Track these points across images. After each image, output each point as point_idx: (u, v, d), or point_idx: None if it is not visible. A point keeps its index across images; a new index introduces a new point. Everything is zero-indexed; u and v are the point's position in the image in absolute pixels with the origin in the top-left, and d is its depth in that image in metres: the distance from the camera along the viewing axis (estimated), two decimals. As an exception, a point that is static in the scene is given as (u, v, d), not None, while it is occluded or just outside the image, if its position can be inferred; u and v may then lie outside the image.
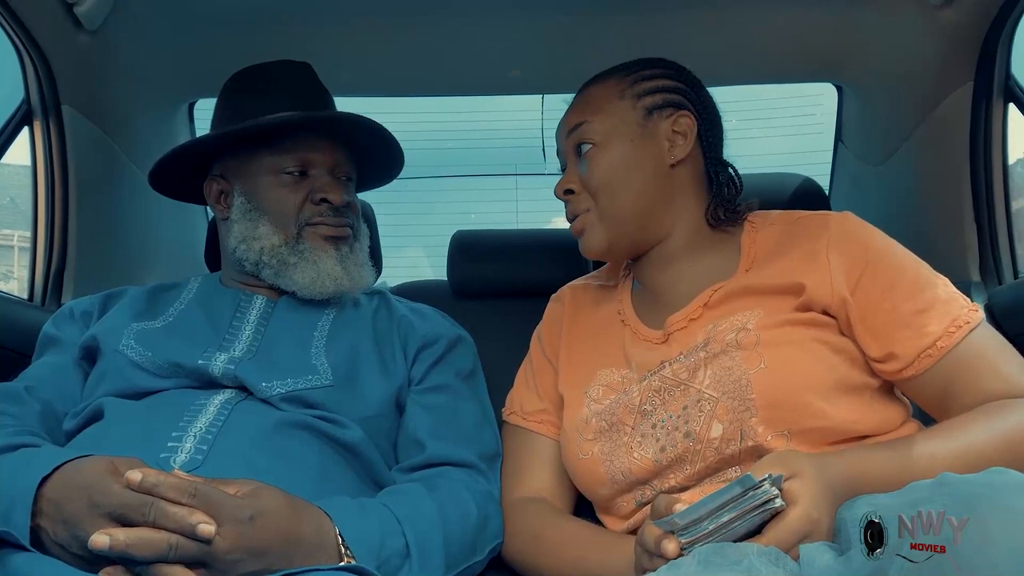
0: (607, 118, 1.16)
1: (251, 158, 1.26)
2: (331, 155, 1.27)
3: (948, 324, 1.01)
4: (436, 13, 1.73)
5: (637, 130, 1.15)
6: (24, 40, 1.52)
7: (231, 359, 1.15)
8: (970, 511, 0.65)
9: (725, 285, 1.12)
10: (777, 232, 1.16)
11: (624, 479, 1.07)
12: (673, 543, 0.81)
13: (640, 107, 1.16)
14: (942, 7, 1.57)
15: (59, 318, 1.26)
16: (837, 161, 2.18)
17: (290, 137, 1.25)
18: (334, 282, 1.24)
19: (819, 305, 1.06)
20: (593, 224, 1.16)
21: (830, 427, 1.00)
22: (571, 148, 1.19)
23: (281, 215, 1.24)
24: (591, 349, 1.21)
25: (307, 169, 1.26)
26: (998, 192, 1.63)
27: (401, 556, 0.98)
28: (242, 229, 1.25)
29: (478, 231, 1.87)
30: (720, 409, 1.02)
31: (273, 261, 1.24)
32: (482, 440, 1.22)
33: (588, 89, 1.22)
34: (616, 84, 1.18)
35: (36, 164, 1.65)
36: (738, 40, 1.78)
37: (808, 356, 1.02)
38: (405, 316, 1.32)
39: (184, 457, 1.01)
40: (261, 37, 1.71)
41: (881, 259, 1.07)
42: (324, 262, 1.24)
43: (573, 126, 1.18)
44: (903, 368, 1.02)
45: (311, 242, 1.24)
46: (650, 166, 1.15)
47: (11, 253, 4.79)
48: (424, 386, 1.25)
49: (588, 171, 1.15)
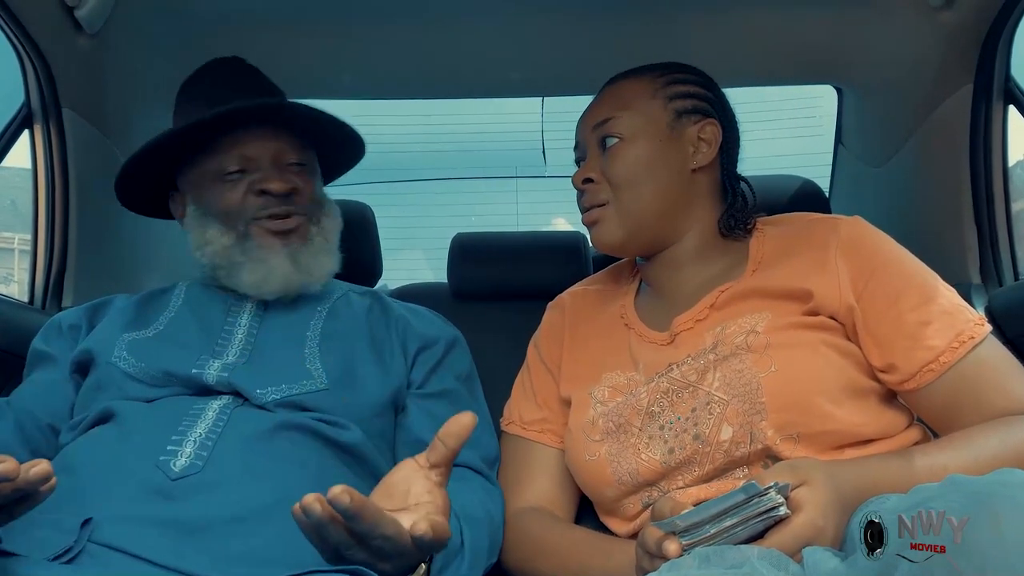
0: (637, 115, 1.16)
1: (195, 165, 1.24)
2: (271, 144, 1.22)
3: (952, 338, 1.01)
4: (436, 16, 1.73)
5: (666, 130, 1.16)
6: (24, 43, 1.52)
7: (224, 366, 1.14)
8: (982, 507, 0.65)
9: (732, 287, 1.12)
10: (785, 234, 1.16)
11: (631, 480, 1.07)
12: (675, 544, 0.81)
13: (671, 109, 1.17)
14: (942, 9, 1.57)
15: (48, 333, 1.25)
16: (837, 163, 2.18)
17: (229, 136, 1.21)
18: (283, 280, 1.20)
19: (827, 311, 1.06)
20: (610, 218, 1.16)
21: (838, 430, 1.00)
22: (595, 140, 1.18)
23: (227, 215, 1.21)
24: (596, 352, 1.20)
25: (248, 165, 1.22)
26: (998, 194, 1.63)
27: (456, 550, 0.99)
28: (195, 236, 1.24)
29: (478, 233, 1.87)
30: (730, 412, 1.02)
31: (224, 263, 1.21)
32: (484, 444, 1.22)
33: (619, 84, 1.22)
34: (649, 83, 1.19)
35: (36, 167, 1.65)
36: (738, 42, 1.79)
37: (818, 359, 1.02)
38: (402, 315, 1.30)
39: (184, 462, 1.01)
40: (261, 41, 1.71)
41: (889, 266, 1.06)
42: (272, 259, 1.20)
43: (601, 120, 1.18)
44: (904, 380, 1.03)
45: (258, 239, 1.20)
46: (674, 168, 1.15)
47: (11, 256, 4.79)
48: (426, 391, 1.24)
49: (612, 165, 1.15)
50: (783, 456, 1.00)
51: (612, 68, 1.26)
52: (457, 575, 0.99)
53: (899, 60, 1.74)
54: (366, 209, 1.79)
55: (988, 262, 1.64)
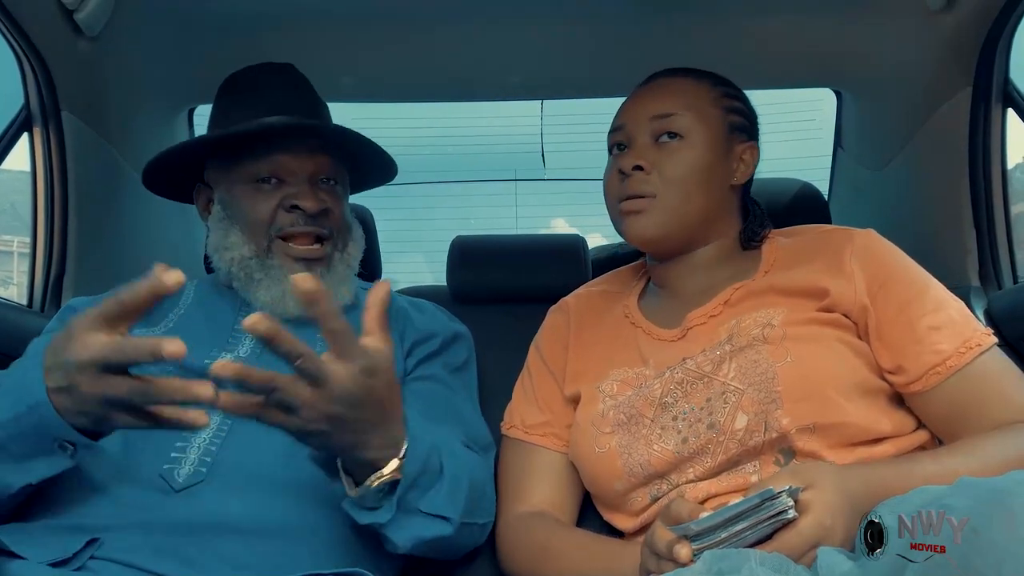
0: (700, 119, 1.16)
1: (230, 165, 1.23)
2: (309, 161, 1.22)
3: (960, 344, 1.03)
4: (436, 19, 1.73)
5: (721, 142, 1.17)
6: (24, 46, 1.52)
7: (236, 358, 1.14)
8: (997, 505, 0.65)
9: (746, 284, 1.14)
10: (798, 242, 1.19)
11: (642, 471, 1.07)
12: (686, 548, 0.82)
13: (727, 122, 1.19)
14: (941, 12, 1.57)
15: (67, 316, 1.25)
16: (836, 166, 2.18)
17: (266, 143, 1.21)
18: (299, 305, 1.21)
19: (842, 308, 1.08)
20: (654, 212, 1.15)
21: (851, 423, 1.01)
22: (650, 130, 1.17)
23: (253, 224, 1.20)
24: (602, 351, 1.21)
25: (284, 176, 1.21)
26: (997, 197, 1.63)
27: (436, 475, 1.00)
28: (215, 238, 1.23)
29: (478, 236, 1.87)
30: (745, 401, 1.03)
31: (241, 273, 1.20)
32: (475, 428, 1.22)
33: (678, 81, 1.21)
34: (709, 90, 1.20)
35: (36, 170, 1.65)
36: (738, 46, 1.79)
37: (832, 354, 1.04)
38: (403, 308, 1.30)
39: (188, 470, 1.01)
40: (261, 43, 1.71)
41: (901, 275, 1.09)
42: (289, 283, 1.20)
43: (663, 113, 1.17)
44: (911, 382, 1.04)
45: (281, 260, 1.19)
46: (719, 179, 1.17)
47: (11, 259, 4.79)
48: (412, 376, 1.24)
49: (669, 161, 1.15)
50: (797, 446, 1.01)
51: (612, 72, 1.26)
52: (435, 500, 1.00)
53: (898, 63, 1.74)
54: (365, 212, 1.79)
55: (987, 265, 1.64)
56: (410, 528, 0.98)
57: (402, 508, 0.95)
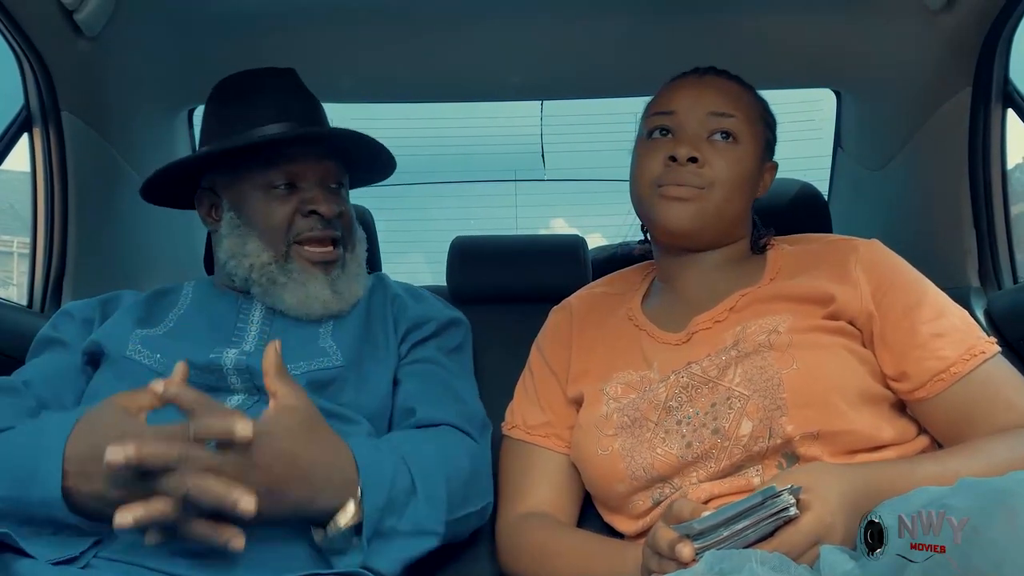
0: (751, 128, 1.18)
1: (239, 173, 1.24)
2: (320, 166, 1.25)
3: (963, 351, 1.04)
4: (436, 19, 1.73)
5: (760, 154, 1.20)
6: (24, 46, 1.52)
7: (242, 352, 1.16)
8: (998, 504, 0.65)
9: (752, 291, 1.15)
10: (802, 250, 1.20)
11: (645, 475, 1.07)
12: (688, 547, 0.82)
13: (765, 136, 1.22)
14: (941, 12, 1.57)
15: (60, 320, 1.25)
16: (836, 166, 2.18)
17: (277, 150, 1.23)
18: (323, 305, 1.23)
19: (847, 315, 1.09)
20: (700, 204, 1.14)
21: (855, 431, 1.02)
22: (706, 125, 1.16)
23: (270, 231, 1.22)
24: (606, 353, 1.21)
25: (296, 182, 1.23)
26: (997, 197, 1.63)
27: (408, 493, 1.01)
28: (231, 244, 1.24)
29: (477, 236, 1.87)
30: (750, 407, 1.03)
31: (262, 279, 1.23)
32: (470, 408, 1.23)
33: (734, 86, 1.21)
34: (758, 103, 1.23)
35: (35, 170, 1.65)
36: (737, 46, 1.79)
37: (837, 361, 1.05)
38: (399, 295, 1.32)
39: None
40: (260, 44, 1.71)
41: (906, 283, 1.10)
42: (311, 284, 1.23)
43: (724, 112, 1.17)
44: (915, 389, 1.05)
45: (300, 263, 1.23)
46: (752, 188, 1.20)
47: (11, 259, 4.79)
48: (407, 360, 1.26)
49: (722, 160, 1.15)
50: (800, 453, 1.01)
51: (611, 72, 1.26)
52: (415, 516, 1.01)
53: (898, 63, 1.74)
54: (365, 212, 1.79)
55: (987, 265, 1.63)
56: (392, 552, 0.99)
57: (381, 536, 0.97)
